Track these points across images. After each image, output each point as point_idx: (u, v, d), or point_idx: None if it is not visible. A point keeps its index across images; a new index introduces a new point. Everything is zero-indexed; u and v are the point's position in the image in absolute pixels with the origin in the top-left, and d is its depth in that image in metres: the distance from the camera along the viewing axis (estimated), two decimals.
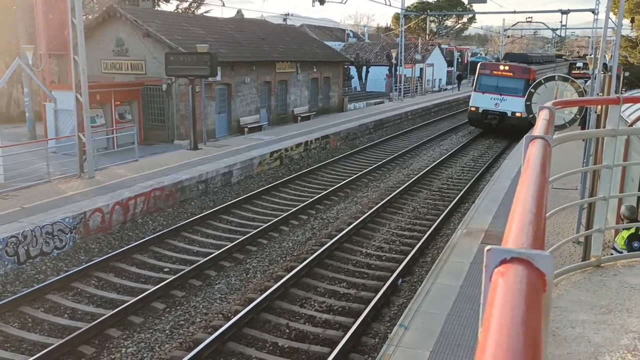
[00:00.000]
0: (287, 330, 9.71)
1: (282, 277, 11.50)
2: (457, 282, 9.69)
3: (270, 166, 21.37)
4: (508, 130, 28.85)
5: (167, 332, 9.66)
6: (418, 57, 54.47)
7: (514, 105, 28.08)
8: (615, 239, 7.90)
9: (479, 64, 31.98)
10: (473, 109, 30.19)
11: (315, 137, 25.09)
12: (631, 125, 11.98)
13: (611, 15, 23.59)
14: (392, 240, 14.40)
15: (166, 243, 13.64)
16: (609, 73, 11.50)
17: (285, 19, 51.33)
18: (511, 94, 28.65)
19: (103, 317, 9.66)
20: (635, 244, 7.28)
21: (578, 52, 62.23)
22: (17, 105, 33.22)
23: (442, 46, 65.76)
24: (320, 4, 34.50)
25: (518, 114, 27.70)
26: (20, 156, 17.01)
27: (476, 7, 69.70)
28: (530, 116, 11.09)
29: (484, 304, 1.09)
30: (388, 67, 51.97)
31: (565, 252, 11.05)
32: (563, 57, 55.42)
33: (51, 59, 23.30)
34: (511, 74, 29.18)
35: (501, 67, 29.84)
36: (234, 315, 9.85)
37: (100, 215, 13.72)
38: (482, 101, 29.63)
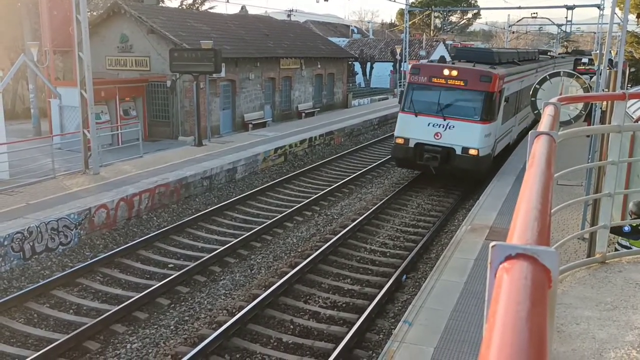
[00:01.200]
0: (292, 326, 9.73)
1: (287, 273, 11.52)
2: (462, 278, 9.68)
3: (274, 162, 21.38)
4: (456, 176, 18.35)
5: (171, 327, 9.69)
6: (422, 53, 54.32)
7: (466, 135, 17.21)
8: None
9: (410, 66, 19.88)
10: (400, 140, 18.13)
11: (319, 134, 25.08)
12: (637, 121, 11.94)
13: (617, 10, 23.47)
14: (397, 236, 14.40)
15: (171, 239, 13.67)
16: (615, 69, 11.45)
17: (289, 15, 51.26)
18: (462, 116, 17.42)
19: (108, 313, 9.69)
20: (626, 228, 7.29)
21: (567, 48, 58.90)
22: (22, 101, 33.32)
23: (447, 42, 65.57)
24: (325, 0, 34.44)
25: (473, 151, 17.07)
26: (26, 152, 17.08)
27: (481, 2, 69.50)
28: (535, 112, 11.04)
29: (489, 300, 1.09)
30: (392, 63, 51.89)
31: (570, 249, 11.03)
32: (549, 53, 41.60)
33: (56, 55, 23.36)
34: (462, 82, 17.56)
35: (446, 72, 17.70)
36: (239, 311, 9.87)
37: (105, 211, 13.75)
38: (413, 128, 17.93)
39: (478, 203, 14.67)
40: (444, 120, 17.47)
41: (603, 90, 12.71)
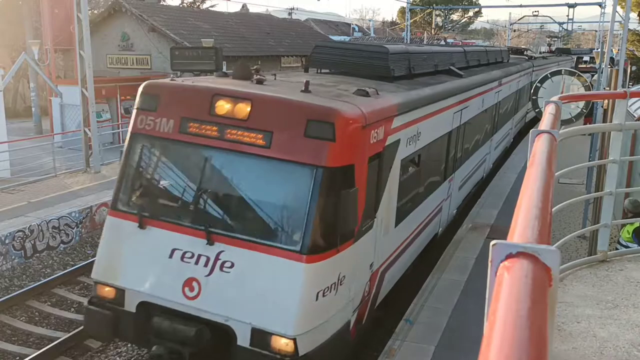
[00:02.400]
0: None
1: None
2: (463, 277, 9.68)
3: None
4: None
5: None
6: None
7: (265, 294, 5.90)
8: (620, 234, 7.88)
9: (139, 90, 6.93)
10: (104, 291, 6.59)
11: None
12: (638, 119, 11.93)
13: (618, 8, 23.44)
14: None
15: None
16: (616, 67, 11.44)
17: (290, 14, 51.24)
18: (257, 236, 6.14)
19: None
20: (635, 240, 7.26)
21: (550, 45, 57.58)
22: (23, 100, 33.37)
23: (448, 40, 65.51)
24: None
25: (279, 342, 5.85)
26: (27, 151, 17.08)
27: (482, 0, 69.43)
28: (537, 110, 11.02)
29: (490, 298, 1.09)
30: None
31: (571, 247, 11.03)
32: (526, 52, 31.36)
33: (57, 53, 23.39)
34: (260, 138, 6.13)
35: (222, 107, 6.35)
36: None
37: (106, 209, 13.74)
38: (135, 261, 6.50)
39: (479, 201, 14.65)
40: (211, 244, 6.32)
41: (604, 88, 12.70)
